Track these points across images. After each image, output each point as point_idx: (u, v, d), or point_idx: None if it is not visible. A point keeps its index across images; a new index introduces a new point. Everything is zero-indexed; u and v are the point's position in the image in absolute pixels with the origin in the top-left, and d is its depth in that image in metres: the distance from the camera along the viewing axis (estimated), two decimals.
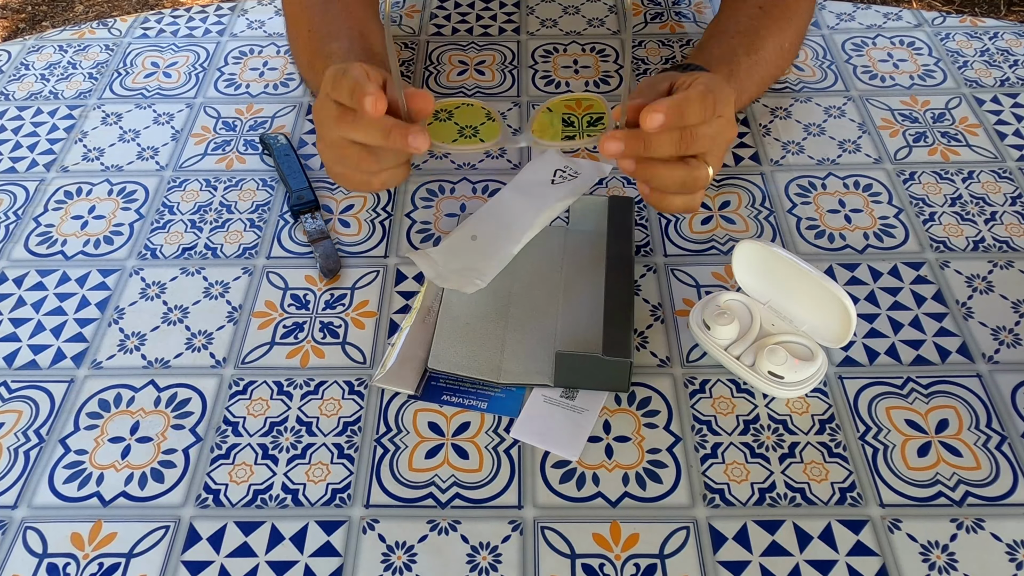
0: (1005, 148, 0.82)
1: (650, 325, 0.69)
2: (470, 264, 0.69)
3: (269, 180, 0.81)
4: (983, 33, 0.96)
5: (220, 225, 0.77)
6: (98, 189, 0.81)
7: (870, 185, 0.79)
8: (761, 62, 0.81)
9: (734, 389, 0.65)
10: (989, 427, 0.62)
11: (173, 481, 0.60)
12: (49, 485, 0.60)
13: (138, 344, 0.68)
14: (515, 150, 0.83)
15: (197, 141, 0.85)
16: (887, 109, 0.87)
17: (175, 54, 0.96)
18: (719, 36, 0.82)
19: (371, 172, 0.66)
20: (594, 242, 0.73)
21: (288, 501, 0.59)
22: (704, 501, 0.59)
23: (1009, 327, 0.68)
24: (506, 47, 0.96)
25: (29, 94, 0.92)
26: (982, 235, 0.75)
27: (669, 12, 1.01)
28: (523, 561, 0.56)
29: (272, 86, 0.92)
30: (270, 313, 0.70)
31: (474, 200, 0.79)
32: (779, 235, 0.75)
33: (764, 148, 0.83)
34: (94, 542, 0.57)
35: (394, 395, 0.65)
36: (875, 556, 0.56)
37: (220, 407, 0.64)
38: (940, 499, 0.58)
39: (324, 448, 0.62)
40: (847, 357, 0.66)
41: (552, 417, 0.63)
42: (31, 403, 0.65)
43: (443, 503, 0.59)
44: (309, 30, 0.85)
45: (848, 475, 0.60)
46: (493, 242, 0.70)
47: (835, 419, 0.63)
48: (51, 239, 0.77)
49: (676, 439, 0.62)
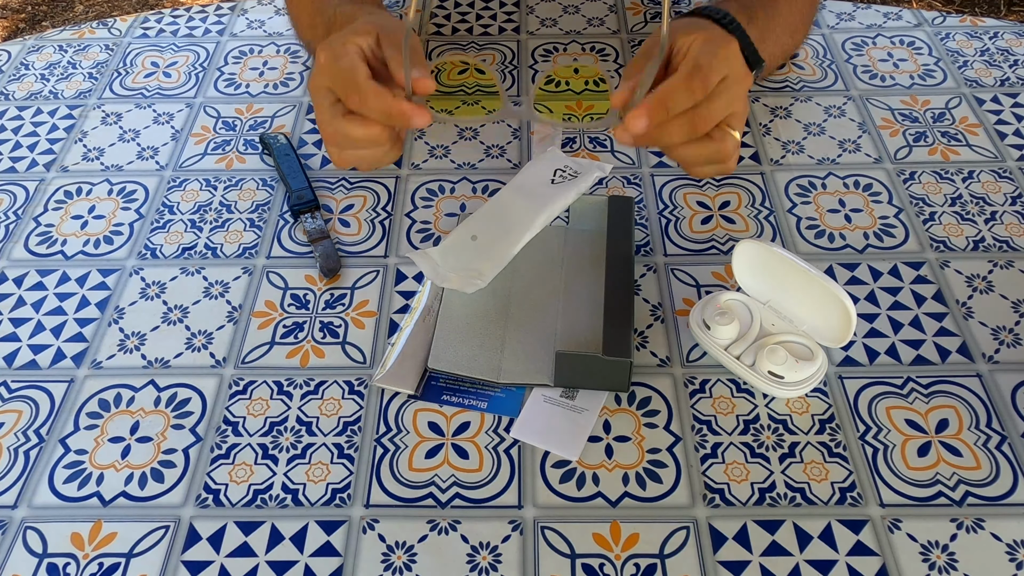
0: (1005, 148, 0.82)
1: (650, 325, 0.69)
2: (470, 264, 0.69)
3: (269, 180, 0.81)
4: (983, 33, 0.96)
5: (220, 225, 0.77)
6: (98, 189, 0.81)
7: (870, 185, 0.79)
8: (777, 15, 0.78)
9: (734, 389, 0.65)
10: (989, 427, 0.62)
11: (173, 481, 0.60)
12: (49, 485, 0.60)
13: (138, 344, 0.68)
14: (516, 148, 0.83)
15: (197, 141, 0.85)
16: (887, 109, 0.87)
17: (175, 54, 0.96)
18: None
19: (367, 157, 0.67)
20: (594, 242, 0.73)
21: (288, 501, 0.59)
22: (704, 501, 0.59)
23: (1009, 327, 0.68)
24: (506, 47, 0.96)
25: (29, 94, 0.92)
26: (982, 235, 0.75)
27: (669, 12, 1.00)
28: (523, 561, 0.56)
29: (272, 86, 0.92)
30: (270, 313, 0.70)
31: (474, 200, 0.79)
32: (779, 235, 0.75)
33: (764, 148, 0.83)
34: (94, 542, 0.57)
35: (394, 395, 0.65)
36: (875, 556, 0.56)
37: (220, 407, 0.64)
38: (940, 499, 0.58)
39: (324, 448, 0.62)
40: (847, 357, 0.66)
41: (552, 417, 0.63)
42: (31, 403, 0.65)
43: (443, 503, 0.59)
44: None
45: (848, 475, 0.60)
46: (493, 242, 0.70)
47: (835, 419, 0.63)
48: (51, 239, 0.77)
49: (676, 439, 0.62)
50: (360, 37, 0.65)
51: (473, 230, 0.71)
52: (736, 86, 0.63)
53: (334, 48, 0.66)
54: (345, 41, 0.65)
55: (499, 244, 0.69)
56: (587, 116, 0.64)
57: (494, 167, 0.82)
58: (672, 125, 0.61)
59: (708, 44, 0.63)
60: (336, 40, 0.66)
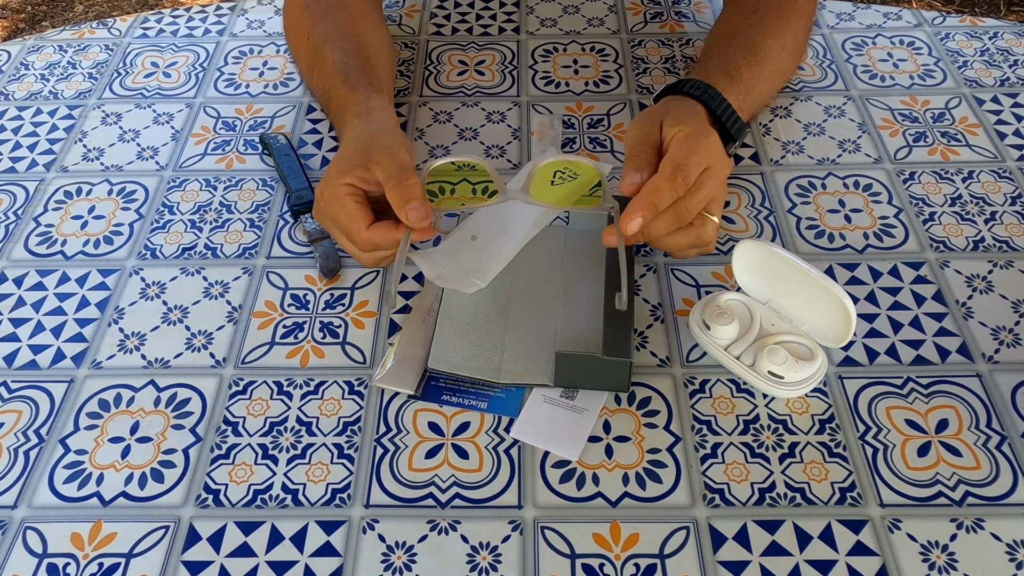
0: (1005, 148, 0.82)
1: (650, 325, 0.69)
2: (470, 264, 0.69)
3: (269, 180, 0.81)
4: (983, 33, 0.96)
5: (220, 225, 0.77)
6: (98, 189, 0.81)
7: (870, 185, 0.79)
8: (764, 63, 0.81)
9: (734, 389, 0.65)
10: (989, 427, 0.62)
11: (173, 481, 0.60)
12: (49, 485, 0.60)
13: (138, 344, 0.68)
14: (516, 148, 0.83)
15: (197, 141, 0.85)
16: (887, 109, 0.87)
17: (175, 54, 0.96)
18: (717, 46, 0.82)
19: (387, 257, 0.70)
20: (594, 242, 0.73)
21: (288, 501, 0.59)
22: (704, 501, 0.59)
23: (1009, 327, 0.68)
24: (506, 47, 0.96)
25: (29, 94, 0.92)
26: (982, 235, 0.75)
27: (669, 12, 1.01)
28: (523, 561, 0.56)
29: (272, 86, 0.92)
30: (270, 313, 0.70)
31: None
32: (779, 235, 0.75)
33: (764, 148, 0.83)
34: (94, 542, 0.57)
35: (394, 395, 0.65)
36: (875, 556, 0.56)
37: (220, 407, 0.64)
38: (940, 499, 0.58)
39: (324, 448, 0.62)
40: (847, 357, 0.66)
41: (552, 417, 0.63)
42: (31, 403, 0.65)
43: (443, 503, 0.59)
44: (309, 36, 0.85)
45: (848, 475, 0.60)
46: (493, 242, 0.70)
47: (835, 419, 0.63)
48: (51, 239, 0.77)
49: (676, 439, 0.62)
50: (348, 175, 0.67)
51: (473, 230, 0.71)
52: (716, 176, 0.67)
53: (329, 190, 0.68)
54: (338, 185, 0.67)
55: (499, 244, 0.70)
56: (580, 201, 0.68)
57: (494, 167, 0.82)
58: (659, 220, 0.65)
59: (688, 140, 0.67)
60: (330, 182, 0.68)
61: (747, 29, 0.83)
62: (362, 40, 0.83)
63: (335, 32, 0.84)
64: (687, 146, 0.67)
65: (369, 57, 0.81)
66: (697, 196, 0.66)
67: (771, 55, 0.82)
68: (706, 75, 0.77)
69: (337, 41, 0.83)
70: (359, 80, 0.78)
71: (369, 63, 0.80)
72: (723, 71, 0.78)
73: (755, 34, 0.82)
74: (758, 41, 0.82)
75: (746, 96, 0.78)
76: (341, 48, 0.82)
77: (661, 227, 0.66)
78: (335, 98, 0.78)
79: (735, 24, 0.84)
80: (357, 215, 0.66)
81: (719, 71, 0.78)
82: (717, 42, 0.84)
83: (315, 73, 0.84)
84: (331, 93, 0.79)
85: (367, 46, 0.83)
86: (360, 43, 0.83)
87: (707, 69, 0.79)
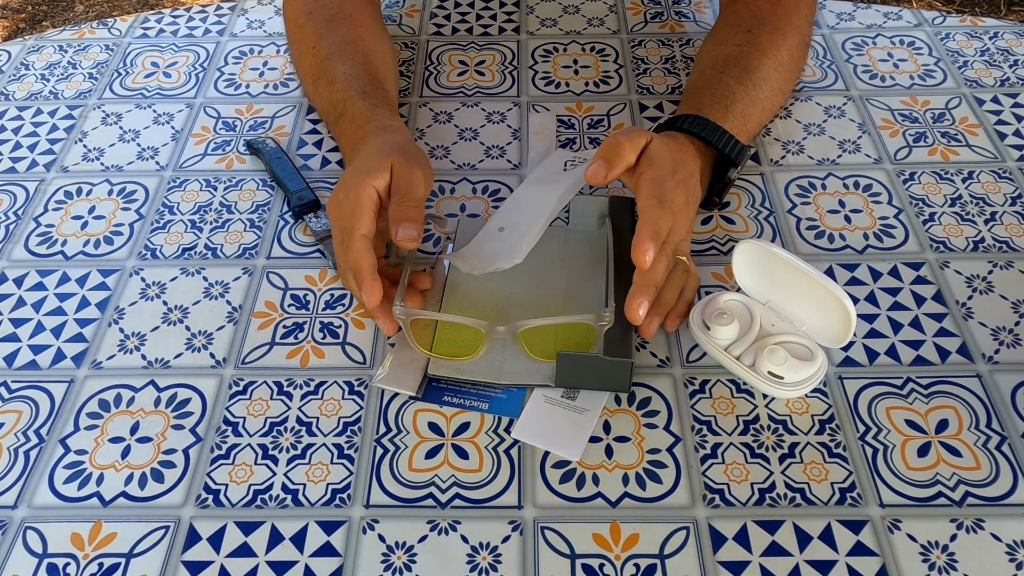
0: (1005, 148, 0.82)
1: None
2: (501, 249, 0.69)
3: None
4: (983, 33, 0.96)
5: (220, 225, 0.77)
6: (98, 189, 0.81)
7: (870, 185, 0.79)
8: (760, 86, 0.80)
9: (734, 389, 0.65)
10: (989, 427, 0.62)
11: (173, 481, 0.60)
12: (49, 485, 0.60)
13: (138, 344, 0.68)
14: (516, 148, 0.84)
15: (197, 141, 0.85)
16: (887, 109, 0.87)
17: (175, 54, 0.96)
18: (710, 74, 0.81)
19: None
20: (594, 242, 0.73)
21: (288, 501, 0.59)
22: (704, 501, 0.59)
23: (1009, 327, 0.68)
24: (506, 47, 0.96)
25: (29, 94, 0.92)
26: (982, 235, 0.75)
27: (669, 12, 1.01)
28: (523, 561, 0.56)
29: (272, 86, 0.92)
30: (270, 313, 0.70)
31: (474, 200, 0.79)
32: (779, 235, 0.75)
33: (764, 148, 0.83)
34: (94, 542, 0.57)
35: (394, 395, 0.65)
36: (875, 556, 0.56)
37: (220, 407, 0.64)
38: (940, 499, 0.58)
39: (324, 448, 0.62)
40: (847, 357, 0.67)
41: (553, 417, 0.63)
42: (31, 403, 0.65)
43: (443, 503, 0.59)
44: (314, 47, 0.85)
45: (848, 475, 0.60)
46: (520, 226, 0.70)
47: (835, 419, 0.63)
48: (51, 239, 0.77)
49: (676, 439, 0.62)
50: (375, 178, 0.67)
51: (499, 223, 0.72)
52: (680, 230, 0.67)
53: (354, 188, 0.67)
54: (364, 184, 0.67)
55: (527, 227, 0.69)
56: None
57: (494, 167, 0.82)
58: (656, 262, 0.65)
59: (642, 216, 0.65)
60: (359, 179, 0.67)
61: (741, 55, 0.81)
62: (369, 57, 0.83)
63: (343, 44, 0.83)
64: (644, 219, 0.65)
65: (378, 78, 0.81)
66: (662, 261, 0.65)
67: (768, 78, 0.81)
68: (698, 107, 0.76)
69: (345, 54, 0.82)
70: (378, 98, 0.78)
71: (378, 81, 0.81)
72: (715, 101, 0.77)
73: (749, 58, 0.81)
74: (753, 65, 0.80)
75: (744, 121, 0.77)
76: (351, 63, 0.81)
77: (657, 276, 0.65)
78: (352, 110, 0.77)
79: (728, 49, 0.82)
80: (365, 215, 0.66)
81: (710, 102, 0.77)
82: (711, 66, 0.82)
83: (321, 85, 0.83)
84: (346, 105, 0.78)
85: (376, 66, 0.82)
86: (368, 60, 0.82)
87: (698, 101, 0.77)
